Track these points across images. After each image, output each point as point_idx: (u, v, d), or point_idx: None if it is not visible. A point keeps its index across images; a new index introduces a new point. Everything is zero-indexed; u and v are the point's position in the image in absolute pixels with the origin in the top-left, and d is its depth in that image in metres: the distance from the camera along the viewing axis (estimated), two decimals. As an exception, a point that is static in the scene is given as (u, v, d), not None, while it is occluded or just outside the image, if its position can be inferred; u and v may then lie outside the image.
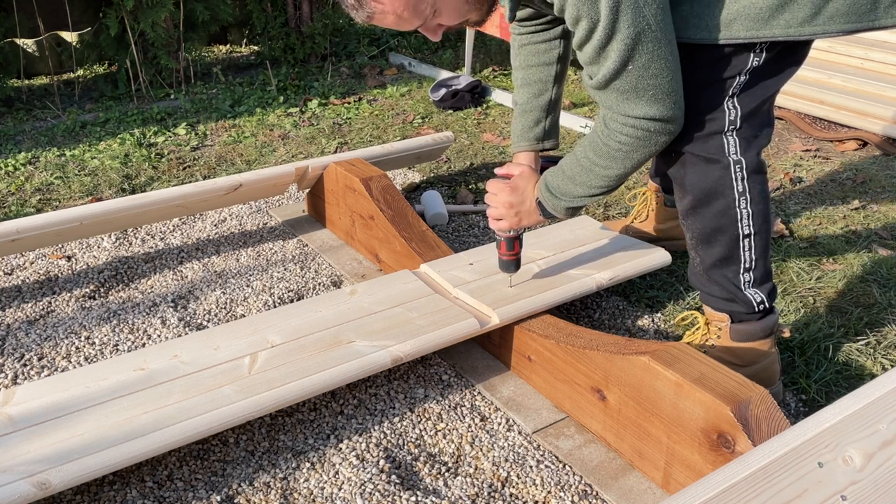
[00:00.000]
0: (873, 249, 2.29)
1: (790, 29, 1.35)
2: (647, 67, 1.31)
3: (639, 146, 1.41)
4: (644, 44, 1.29)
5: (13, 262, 2.23)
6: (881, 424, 1.09)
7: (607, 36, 1.28)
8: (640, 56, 1.30)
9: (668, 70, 1.33)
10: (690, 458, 1.34)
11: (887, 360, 1.81)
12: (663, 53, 1.31)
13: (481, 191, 2.74)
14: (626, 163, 1.44)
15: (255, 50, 4.80)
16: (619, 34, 1.27)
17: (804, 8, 1.34)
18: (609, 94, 1.37)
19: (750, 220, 1.53)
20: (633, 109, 1.37)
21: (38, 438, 1.31)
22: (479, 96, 3.74)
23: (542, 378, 1.66)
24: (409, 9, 1.34)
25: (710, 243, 1.57)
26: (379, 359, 1.54)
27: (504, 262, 1.75)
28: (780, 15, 1.34)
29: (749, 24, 1.36)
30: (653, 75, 1.32)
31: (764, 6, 1.34)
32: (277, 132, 3.36)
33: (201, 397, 1.42)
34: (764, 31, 1.36)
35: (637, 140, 1.40)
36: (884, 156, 3.06)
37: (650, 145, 1.42)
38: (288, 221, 2.52)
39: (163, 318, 1.96)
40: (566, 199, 1.56)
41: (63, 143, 3.21)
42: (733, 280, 1.58)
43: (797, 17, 1.35)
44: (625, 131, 1.40)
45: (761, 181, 1.54)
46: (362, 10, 1.36)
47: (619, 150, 1.43)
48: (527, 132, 1.82)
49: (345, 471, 1.48)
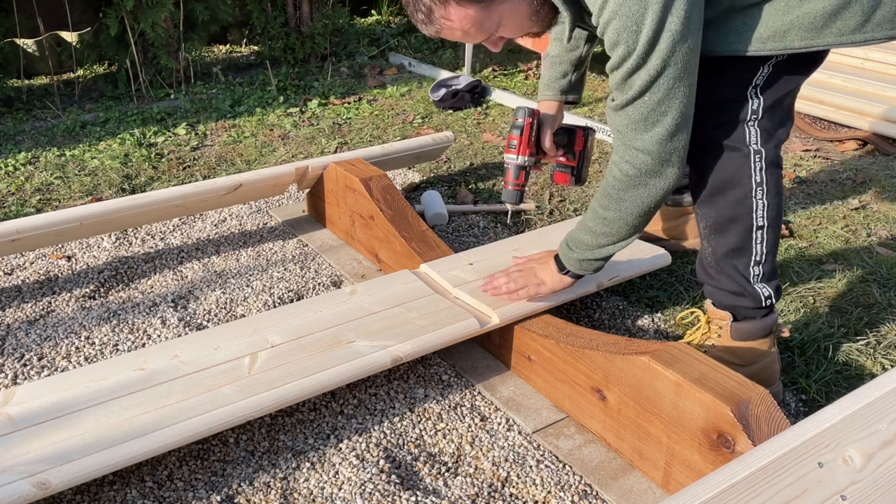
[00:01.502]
0: (873, 249, 2.29)
1: (843, 37, 1.38)
2: (660, 103, 1.35)
3: (629, 185, 1.44)
4: (665, 79, 1.32)
5: (13, 262, 2.23)
6: (881, 424, 1.09)
7: (637, 65, 1.31)
8: (657, 90, 1.33)
9: (678, 112, 1.36)
10: (690, 458, 1.34)
11: (887, 360, 1.81)
12: (678, 94, 1.34)
13: (481, 191, 2.74)
14: (620, 206, 1.47)
15: (255, 50, 4.80)
16: (648, 65, 1.30)
17: (855, 16, 1.36)
18: (621, 118, 1.40)
19: (765, 212, 1.54)
20: (635, 139, 1.40)
21: (38, 438, 1.31)
22: (479, 96, 3.74)
23: (542, 378, 1.66)
24: (475, 25, 1.39)
25: (724, 232, 1.58)
26: (379, 359, 1.54)
27: (508, 191, 1.77)
28: (833, 24, 1.37)
29: (803, 33, 1.38)
30: (662, 112, 1.36)
31: (818, 16, 1.36)
32: (277, 132, 3.36)
33: (201, 397, 1.42)
34: (818, 40, 1.38)
35: (628, 178, 1.44)
36: (884, 156, 3.06)
37: (641, 187, 1.44)
38: (288, 221, 2.52)
39: (163, 318, 1.96)
40: (578, 251, 1.58)
41: (63, 143, 3.21)
42: (743, 272, 1.59)
43: (849, 24, 1.37)
44: (621, 166, 1.44)
45: (777, 175, 1.55)
46: (432, 24, 1.41)
47: (614, 188, 1.46)
48: (554, 83, 1.86)
49: (345, 471, 1.48)
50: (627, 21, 1.27)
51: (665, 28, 1.26)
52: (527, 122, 1.75)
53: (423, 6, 1.37)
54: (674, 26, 1.26)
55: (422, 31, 1.44)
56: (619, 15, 1.27)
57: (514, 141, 1.75)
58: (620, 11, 1.27)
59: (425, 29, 1.42)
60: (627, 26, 1.27)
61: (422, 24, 1.41)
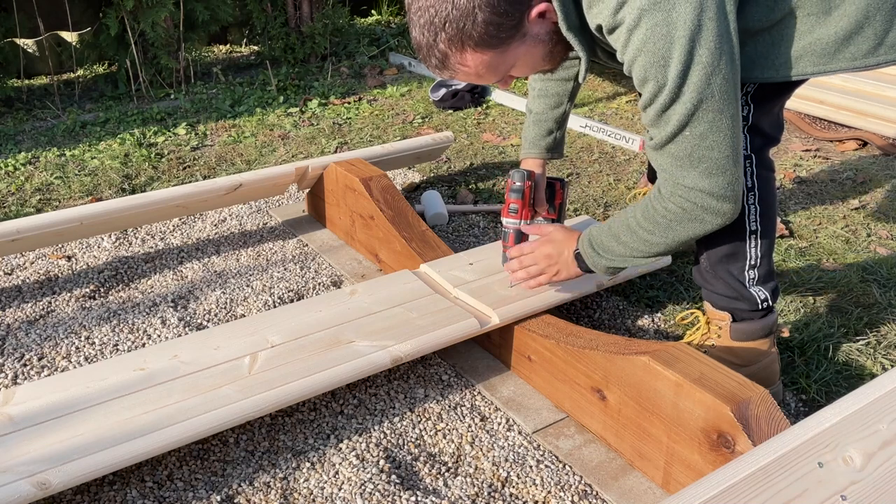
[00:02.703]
0: (873, 249, 2.29)
1: (856, 62, 1.37)
2: (703, 137, 1.30)
3: (684, 218, 1.39)
4: (705, 112, 1.28)
5: (13, 262, 2.23)
6: (881, 424, 1.09)
7: (671, 100, 1.28)
8: (698, 124, 1.29)
9: (726, 145, 1.31)
10: (690, 458, 1.34)
11: (887, 360, 1.81)
12: (722, 127, 1.30)
13: (481, 191, 2.74)
14: (668, 234, 1.42)
15: (255, 50, 4.80)
16: (683, 98, 1.27)
17: (868, 40, 1.35)
18: (664, 157, 1.36)
19: (757, 217, 1.54)
20: (684, 178, 1.35)
21: (38, 438, 1.31)
22: (478, 96, 3.74)
23: (542, 378, 1.66)
24: (490, 69, 1.38)
25: (716, 238, 1.57)
26: (379, 359, 1.54)
27: None
28: (846, 49, 1.36)
29: (816, 59, 1.37)
30: (708, 147, 1.31)
31: (830, 42, 1.35)
32: (277, 132, 3.36)
33: (201, 397, 1.42)
34: (831, 65, 1.37)
35: (683, 211, 1.38)
36: (884, 156, 3.06)
37: (696, 221, 1.39)
38: (288, 221, 2.52)
39: (163, 318, 1.96)
40: (607, 258, 1.53)
41: (63, 143, 3.21)
42: (738, 277, 1.58)
43: (862, 49, 1.36)
44: (674, 199, 1.38)
45: (769, 179, 1.55)
46: (446, 70, 1.39)
47: (665, 217, 1.41)
48: (539, 140, 1.89)
49: (345, 471, 1.48)
50: (654, 57, 1.24)
51: (695, 60, 1.23)
52: (527, 186, 1.76)
53: (438, 52, 1.35)
54: (704, 58, 1.23)
55: (433, 73, 1.43)
56: (645, 51, 1.24)
57: (516, 206, 1.76)
58: (646, 48, 1.24)
59: (439, 73, 1.41)
60: (655, 62, 1.24)
61: (435, 68, 1.39)
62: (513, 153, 3.10)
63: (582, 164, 2.97)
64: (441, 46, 1.33)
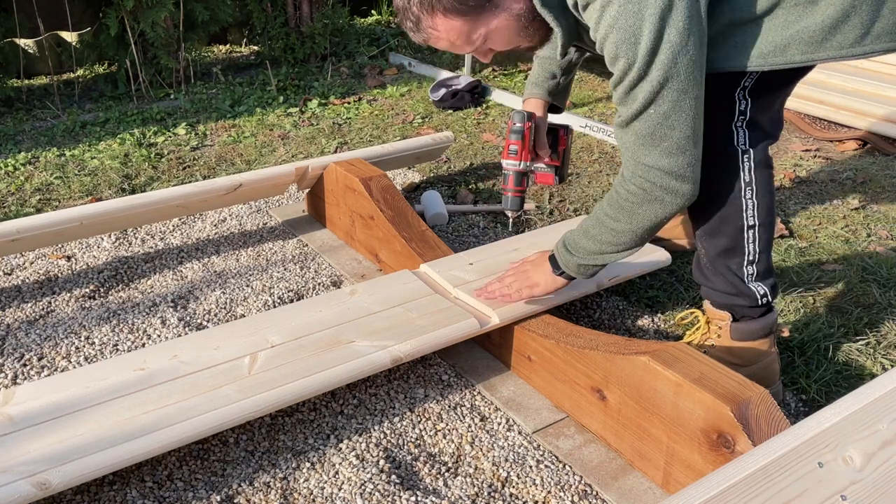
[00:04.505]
0: (873, 249, 2.29)
1: (843, 50, 1.38)
2: (667, 116, 1.33)
3: (645, 199, 1.42)
4: (669, 91, 1.31)
5: (13, 262, 2.23)
6: (881, 424, 1.09)
7: (639, 77, 1.30)
8: (662, 102, 1.32)
9: (687, 126, 1.34)
10: (690, 458, 1.34)
11: (887, 360, 1.81)
12: (685, 107, 1.33)
13: (481, 191, 2.74)
14: (632, 219, 1.45)
15: (255, 50, 4.80)
16: (650, 76, 1.29)
17: (855, 29, 1.36)
18: (629, 136, 1.39)
19: (755, 212, 1.55)
20: (645, 156, 1.38)
21: (38, 438, 1.31)
22: (478, 96, 3.74)
23: (542, 378, 1.66)
24: (461, 37, 1.42)
25: (716, 233, 1.58)
26: (379, 359, 1.54)
27: (510, 198, 1.77)
28: (833, 38, 1.37)
29: (803, 48, 1.38)
30: (670, 126, 1.34)
31: (817, 30, 1.36)
32: (277, 132, 3.36)
33: (201, 397, 1.42)
34: (818, 54, 1.38)
35: (643, 192, 1.41)
36: (884, 156, 3.06)
37: (656, 202, 1.42)
38: (288, 221, 2.52)
39: (163, 318, 1.96)
40: (578, 255, 1.55)
41: (63, 143, 3.21)
42: (737, 272, 1.59)
43: (849, 38, 1.37)
44: (635, 180, 1.41)
45: (767, 175, 1.56)
46: (419, 33, 1.44)
47: (627, 201, 1.44)
48: (543, 82, 1.88)
49: (345, 471, 1.48)
50: (625, 34, 1.26)
51: (664, 39, 1.26)
52: (526, 127, 1.75)
53: (412, 15, 1.40)
54: (673, 38, 1.26)
55: (411, 38, 1.48)
56: (616, 28, 1.27)
57: (515, 147, 1.74)
58: (617, 24, 1.26)
59: (414, 36, 1.46)
60: (625, 39, 1.27)
61: (410, 31, 1.45)
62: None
63: (582, 164, 2.97)
64: (414, 9, 1.39)
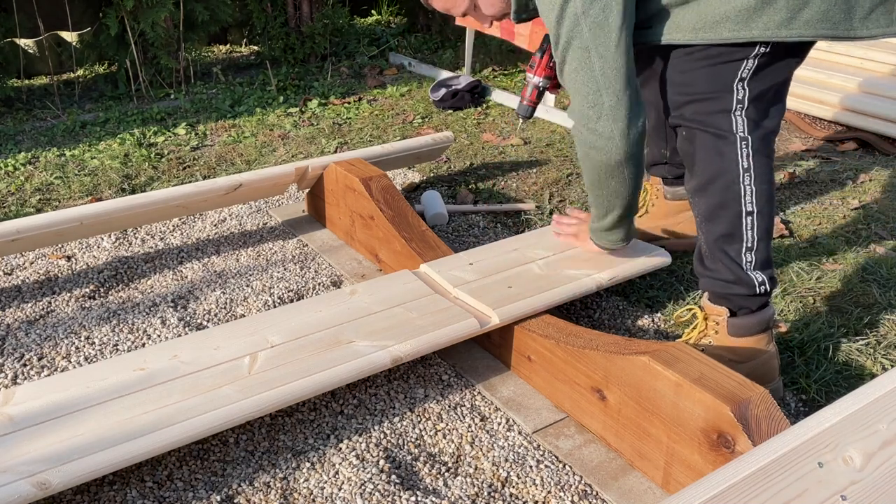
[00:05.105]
0: (873, 249, 2.29)
1: (768, 31, 1.48)
2: (577, 72, 1.51)
3: (582, 156, 1.61)
4: (574, 50, 1.49)
5: (13, 262, 2.23)
6: (881, 424, 1.09)
7: (556, 37, 1.51)
8: (571, 60, 1.51)
9: (593, 81, 1.50)
10: (690, 457, 1.34)
11: (887, 360, 1.81)
12: (590, 64, 1.49)
13: (481, 191, 2.74)
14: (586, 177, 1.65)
15: (255, 50, 4.80)
16: (561, 38, 1.50)
17: (780, 11, 1.47)
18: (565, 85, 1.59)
19: (753, 198, 1.59)
20: (573, 111, 1.58)
21: (38, 438, 1.31)
22: (479, 96, 3.74)
23: (542, 378, 1.66)
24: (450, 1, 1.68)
25: (715, 219, 1.62)
26: (379, 359, 1.54)
27: (523, 106, 1.95)
28: (759, 17, 1.48)
29: (732, 25, 1.49)
30: (582, 81, 1.51)
31: (743, 9, 1.48)
32: (277, 132, 3.36)
33: (201, 397, 1.42)
34: (746, 32, 1.49)
35: (579, 147, 1.61)
36: (884, 156, 3.06)
37: (587, 158, 1.60)
38: (288, 221, 2.52)
39: (163, 318, 1.96)
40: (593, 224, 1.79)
41: (63, 143, 3.21)
42: (735, 258, 1.62)
43: (774, 20, 1.48)
44: (574, 135, 1.61)
45: (767, 163, 1.60)
46: None
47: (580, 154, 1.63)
48: None
49: (345, 471, 1.48)
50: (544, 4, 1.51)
51: (569, 5, 1.46)
52: (548, 47, 1.90)
53: None
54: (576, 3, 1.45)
55: None
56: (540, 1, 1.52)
57: (535, 62, 1.92)
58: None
59: None
60: (545, 8, 1.51)
61: None
62: (513, 153, 3.10)
63: (582, 164, 2.97)
64: None
